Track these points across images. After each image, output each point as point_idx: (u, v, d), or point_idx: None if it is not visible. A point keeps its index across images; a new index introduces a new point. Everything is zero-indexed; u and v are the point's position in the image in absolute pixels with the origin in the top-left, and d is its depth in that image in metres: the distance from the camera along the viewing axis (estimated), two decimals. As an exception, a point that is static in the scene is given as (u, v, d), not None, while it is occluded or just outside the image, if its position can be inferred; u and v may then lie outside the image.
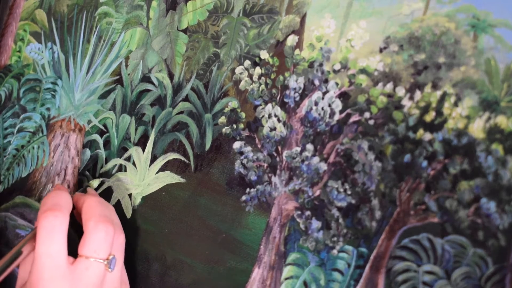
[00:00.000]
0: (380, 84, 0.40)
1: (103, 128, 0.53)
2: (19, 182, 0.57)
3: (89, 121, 0.54)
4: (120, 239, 0.42)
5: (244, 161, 0.45)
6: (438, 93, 0.37)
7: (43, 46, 0.59)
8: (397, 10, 0.40)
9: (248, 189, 0.44)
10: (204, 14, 0.50)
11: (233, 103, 0.46)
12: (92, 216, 0.41)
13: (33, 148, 0.56)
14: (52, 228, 0.39)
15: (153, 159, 0.50)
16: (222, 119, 0.47)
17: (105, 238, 0.40)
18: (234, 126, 0.46)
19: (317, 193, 0.41)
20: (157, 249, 0.48)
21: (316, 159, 0.41)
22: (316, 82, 0.42)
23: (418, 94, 0.38)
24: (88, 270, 0.39)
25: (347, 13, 0.42)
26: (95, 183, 0.51)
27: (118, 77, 0.54)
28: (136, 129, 0.51)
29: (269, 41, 0.45)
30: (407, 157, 0.38)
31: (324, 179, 0.41)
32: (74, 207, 0.45)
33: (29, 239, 0.40)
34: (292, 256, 0.41)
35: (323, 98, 0.42)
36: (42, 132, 0.57)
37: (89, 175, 0.53)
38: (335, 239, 0.40)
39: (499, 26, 0.36)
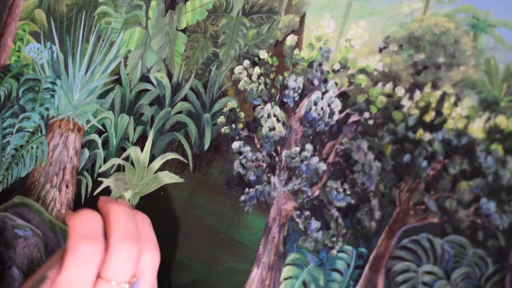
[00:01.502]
0: (380, 84, 0.40)
1: (101, 128, 0.53)
2: (18, 182, 0.57)
3: (88, 121, 0.54)
4: (152, 258, 0.38)
5: (243, 161, 0.45)
6: (438, 93, 0.37)
7: (42, 46, 0.59)
8: (396, 10, 0.40)
9: (247, 189, 0.44)
10: (203, 13, 0.50)
11: (232, 103, 0.46)
12: (115, 232, 0.37)
13: (32, 148, 0.56)
14: (88, 258, 0.35)
15: (152, 159, 0.50)
16: (221, 119, 0.47)
17: (127, 259, 0.36)
18: (233, 126, 0.46)
19: (316, 193, 0.41)
20: (156, 249, 0.48)
21: (315, 159, 0.41)
22: (316, 82, 0.42)
23: (417, 94, 0.38)
24: None
25: (347, 13, 0.42)
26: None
27: (117, 76, 0.54)
28: (134, 129, 0.51)
29: (268, 41, 0.45)
30: (407, 157, 0.38)
31: (323, 179, 0.41)
32: None
33: (54, 262, 0.39)
34: (291, 256, 0.41)
35: (322, 98, 0.42)
36: (41, 132, 0.56)
37: (87, 175, 0.53)
38: (334, 239, 0.40)
39: (499, 26, 0.36)
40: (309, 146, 0.42)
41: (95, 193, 0.53)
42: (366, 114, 0.40)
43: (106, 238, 0.37)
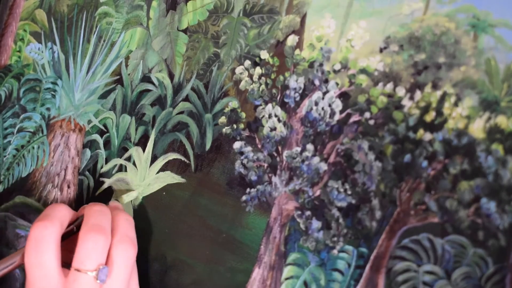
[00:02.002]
0: (380, 84, 0.40)
1: (103, 128, 0.53)
2: (19, 182, 0.57)
3: (89, 121, 0.54)
4: (126, 251, 0.39)
5: (244, 161, 0.45)
6: (438, 93, 0.37)
7: (43, 46, 0.59)
8: (397, 10, 0.40)
9: (248, 189, 0.44)
10: (204, 14, 0.50)
11: (233, 103, 0.46)
12: (84, 225, 0.39)
13: (33, 148, 0.56)
14: (41, 238, 0.38)
15: (154, 159, 0.50)
16: (222, 119, 0.47)
17: (92, 248, 0.38)
18: (234, 126, 0.46)
19: (317, 193, 0.41)
20: (157, 249, 0.48)
21: (316, 159, 0.41)
22: (316, 82, 0.42)
23: (418, 94, 0.38)
24: (76, 282, 0.37)
25: (347, 13, 0.42)
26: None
27: (118, 77, 0.54)
28: (136, 129, 0.51)
29: (269, 41, 0.45)
30: (407, 157, 0.38)
31: (324, 179, 0.41)
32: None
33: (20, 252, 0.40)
34: (292, 256, 0.41)
35: (323, 98, 0.42)
36: (42, 132, 0.57)
37: (89, 175, 0.53)
38: (335, 239, 0.40)
39: (499, 26, 0.36)
40: (310, 146, 0.42)
41: (97, 193, 0.53)
42: (367, 114, 0.40)
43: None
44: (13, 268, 0.40)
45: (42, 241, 0.38)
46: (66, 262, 0.40)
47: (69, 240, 0.41)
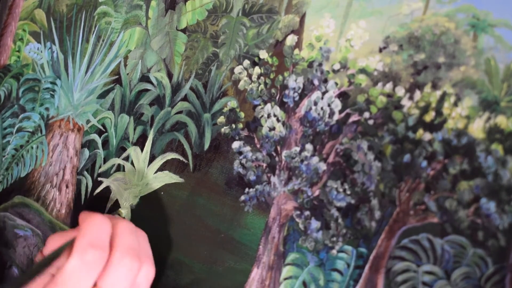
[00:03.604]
0: (380, 84, 0.40)
1: (101, 128, 0.53)
2: (18, 182, 0.57)
3: (88, 121, 0.54)
4: (147, 273, 0.39)
5: (243, 161, 0.45)
6: (438, 93, 0.37)
7: (42, 45, 0.59)
8: (396, 10, 0.40)
9: (247, 189, 0.44)
10: (203, 13, 0.50)
11: (232, 103, 0.46)
12: (119, 246, 0.38)
13: (32, 148, 0.56)
14: (94, 265, 0.36)
15: (152, 159, 0.50)
16: (221, 119, 0.47)
17: (126, 274, 0.37)
18: (233, 125, 0.46)
19: (316, 193, 0.41)
20: (155, 249, 0.48)
21: (315, 159, 0.41)
22: (316, 82, 0.42)
23: (417, 94, 0.38)
24: None
25: (347, 13, 0.42)
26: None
27: (117, 76, 0.54)
28: (134, 129, 0.51)
29: (268, 41, 0.45)
30: (407, 157, 0.38)
31: (323, 179, 0.41)
32: None
33: (58, 254, 0.39)
34: (291, 256, 0.41)
35: (322, 98, 0.42)
36: (41, 132, 0.56)
37: (87, 175, 0.53)
38: (334, 239, 0.40)
39: (499, 26, 0.36)
40: (309, 146, 0.42)
41: (95, 193, 0.53)
42: (366, 114, 0.40)
43: (110, 250, 0.38)
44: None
45: (94, 268, 0.36)
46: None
47: None
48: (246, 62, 0.46)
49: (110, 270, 0.37)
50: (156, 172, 0.49)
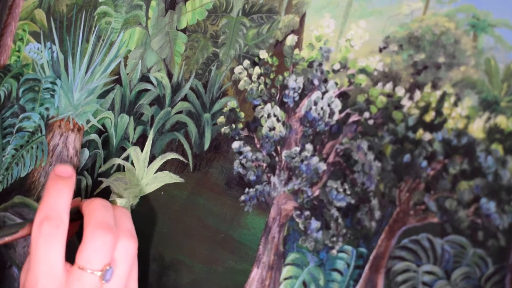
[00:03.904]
0: (380, 84, 0.40)
1: (101, 128, 0.53)
2: (18, 182, 0.57)
3: (88, 121, 0.54)
4: (127, 247, 0.39)
5: (243, 161, 0.45)
6: (438, 93, 0.37)
7: (42, 45, 0.59)
8: (396, 9, 0.40)
9: (247, 189, 0.44)
10: (203, 13, 0.50)
11: (232, 103, 0.46)
12: (90, 221, 0.38)
13: (32, 148, 0.56)
14: (51, 236, 0.37)
15: (152, 159, 0.50)
16: (221, 119, 0.47)
17: (101, 247, 0.37)
18: (233, 125, 0.46)
19: (316, 193, 0.41)
20: (155, 249, 0.48)
21: (315, 159, 0.41)
22: (316, 82, 0.42)
23: (417, 94, 0.38)
24: (80, 281, 0.37)
25: (347, 13, 0.42)
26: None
27: (117, 76, 0.54)
28: (134, 129, 0.51)
29: (268, 41, 0.45)
30: (407, 157, 0.38)
31: (323, 179, 0.41)
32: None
33: (24, 225, 0.40)
34: (291, 256, 0.41)
35: (322, 98, 0.42)
36: (41, 132, 0.57)
37: (87, 175, 0.53)
38: (334, 239, 0.40)
39: (499, 26, 0.36)
40: (309, 146, 0.42)
41: (95, 193, 0.53)
42: (366, 114, 0.40)
43: (83, 229, 0.39)
44: (18, 237, 0.39)
45: (52, 240, 0.37)
46: None
47: None
48: (246, 62, 0.46)
49: (83, 246, 0.37)
50: (156, 172, 0.49)
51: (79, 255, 0.37)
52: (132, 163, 0.51)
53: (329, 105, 0.41)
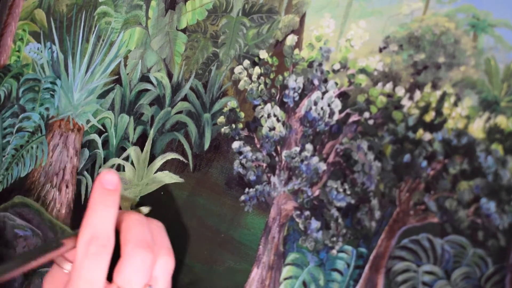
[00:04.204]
0: (380, 84, 0.40)
1: (101, 127, 0.53)
2: (18, 182, 0.57)
3: (88, 121, 0.54)
4: (166, 264, 0.38)
5: (243, 161, 0.45)
6: (438, 93, 0.37)
7: (42, 45, 0.59)
8: (396, 10, 0.40)
9: (247, 189, 0.44)
10: (203, 13, 0.50)
11: (232, 103, 0.46)
12: (130, 240, 0.37)
13: (32, 148, 0.56)
14: (98, 257, 0.36)
15: (152, 158, 0.50)
16: (221, 119, 0.47)
17: (141, 266, 0.36)
18: (233, 125, 0.46)
19: (317, 193, 0.41)
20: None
21: (315, 159, 0.41)
22: (316, 82, 0.42)
23: (417, 94, 0.38)
24: None
25: (347, 13, 0.42)
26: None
27: (117, 76, 0.54)
28: (134, 129, 0.51)
29: (268, 41, 0.45)
30: (407, 157, 0.38)
31: (323, 179, 0.41)
32: None
33: (69, 236, 0.38)
34: (291, 256, 0.41)
35: (322, 98, 0.42)
36: (41, 132, 0.56)
37: (87, 175, 0.53)
38: (334, 239, 0.40)
39: (499, 26, 0.36)
40: (309, 146, 0.42)
41: (95, 193, 0.53)
42: (366, 114, 0.40)
43: (121, 246, 0.37)
44: (59, 254, 0.38)
45: (99, 260, 0.36)
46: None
47: None
48: (246, 62, 0.46)
49: (123, 265, 0.36)
50: (156, 172, 0.49)
51: (118, 275, 0.36)
52: (132, 163, 0.51)
53: (329, 105, 0.41)
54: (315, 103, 0.42)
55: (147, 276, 0.37)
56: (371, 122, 0.39)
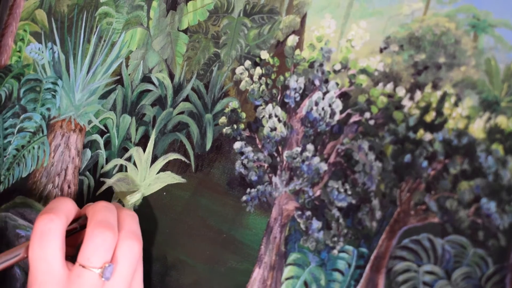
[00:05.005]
0: (381, 84, 0.40)
1: (103, 128, 0.53)
2: (20, 182, 0.57)
3: (90, 121, 0.54)
4: (130, 247, 0.39)
5: (245, 161, 0.45)
6: (439, 93, 0.37)
7: (43, 46, 0.59)
8: (397, 10, 0.40)
9: (248, 189, 0.44)
10: (205, 14, 0.50)
11: (234, 103, 0.46)
12: (91, 221, 0.39)
13: (34, 148, 0.56)
14: (47, 231, 0.37)
15: (154, 159, 0.50)
16: (223, 119, 0.47)
17: (101, 244, 0.37)
18: (235, 126, 0.46)
19: (318, 193, 0.41)
20: (158, 249, 0.48)
21: (316, 159, 0.41)
22: (317, 82, 0.42)
23: (418, 94, 0.38)
24: (80, 278, 0.37)
25: (348, 13, 0.42)
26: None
27: (118, 77, 0.54)
28: (136, 129, 0.51)
29: (269, 41, 0.45)
30: (408, 157, 0.38)
31: (324, 179, 0.41)
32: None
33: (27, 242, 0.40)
34: (292, 256, 0.41)
35: (323, 98, 0.42)
36: (43, 132, 0.57)
37: (89, 176, 0.53)
38: (335, 239, 0.40)
39: (499, 26, 0.36)
40: (310, 146, 0.42)
41: (97, 194, 0.53)
42: (367, 114, 0.40)
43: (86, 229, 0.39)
44: (17, 260, 0.39)
45: (47, 234, 0.37)
46: (67, 256, 0.39)
47: (71, 236, 0.41)
48: (248, 63, 0.46)
49: (83, 244, 0.38)
50: (158, 173, 0.49)
51: (80, 253, 0.38)
52: (134, 164, 0.51)
53: (330, 106, 0.42)
54: (316, 104, 0.42)
55: (107, 254, 0.38)
56: (372, 122, 0.40)
